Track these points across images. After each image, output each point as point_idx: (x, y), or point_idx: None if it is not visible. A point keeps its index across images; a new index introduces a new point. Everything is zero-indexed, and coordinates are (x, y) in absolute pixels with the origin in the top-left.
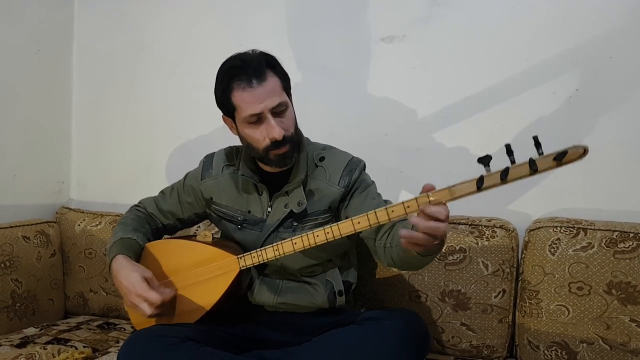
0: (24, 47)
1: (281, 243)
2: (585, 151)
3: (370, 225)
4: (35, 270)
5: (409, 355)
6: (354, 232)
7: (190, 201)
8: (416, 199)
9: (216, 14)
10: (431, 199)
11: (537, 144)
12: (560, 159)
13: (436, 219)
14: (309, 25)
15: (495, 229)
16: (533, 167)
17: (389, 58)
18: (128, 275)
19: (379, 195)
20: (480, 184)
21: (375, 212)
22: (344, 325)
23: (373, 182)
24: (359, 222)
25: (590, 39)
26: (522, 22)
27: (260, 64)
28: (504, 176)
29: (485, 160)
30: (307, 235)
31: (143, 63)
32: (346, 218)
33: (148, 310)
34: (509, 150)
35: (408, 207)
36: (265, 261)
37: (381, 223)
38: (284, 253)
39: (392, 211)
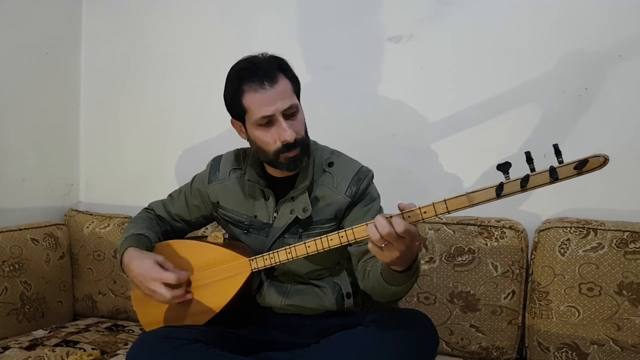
0: (32, 50)
1: (294, 246)
2: (606, 160)
3: None
4: (44, 272)
5: (417, 358)
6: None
7: (197, 204)
8: (433, 204)
9: (222, 15)
10: (447, 205)
11: (557, 152)
12: (581, 167)
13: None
14: (315, 25)
15: (504, 229)
16: (554, 176)
17: (396, 58)
18: (140, 263)
19: (381, 209)
20: (499, 191)
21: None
22: (352, 327)
23: (378, 196)
24: None
25: (600, 37)
26: (530, 21)
27: (272, 67)
28: (524, 184)
29: (504, 167)
30: (320, 238)
31: (150, 65)
32: (342, 228)
33: (166, 292)
34: (528, 158)
35: (425, 212)
36: (278, 264)
37: None
38: (296, 256)
39: (409, 217)
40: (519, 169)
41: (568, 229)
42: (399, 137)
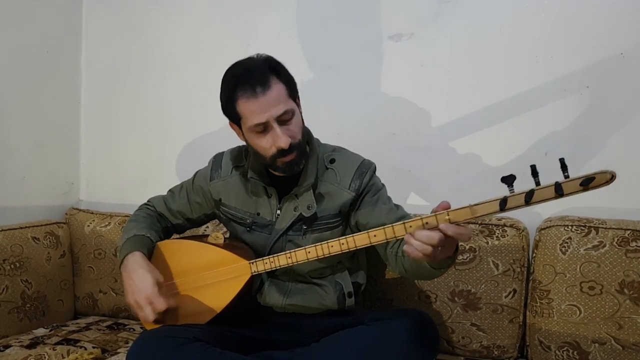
0: (32, 48)
1: (294, 251)
2: (612, 177)
3: (386, 239)
4: (45, 271)
5: (418, 356)
6: (369, 245)
7: (199, 201)
8: (435, 216)
9: (223, 14)
10: (450, 217)
11: (564, 167)
12: (587, 184)
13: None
14: (315, 24)
15: (505, 228)
16: (559, 191)
17: (397, 56)
18: (143, 276)
19: (390, 199)
20: (503, 205)
21: (392, 226)
22: (353, 326)
23: (383, 185)
24: (375, 235)
25: (601, 35)
26: (532, 19)
27: (264, 72)
28: (529, 198)
29: (509, 180)
30: (321, 245)
31: (151, 64)
32: (356, 223)
33: (150, 314)
34: (534, 172)
35: (427, 223)
36: (278, 268)
37: (398, 237)
38: (297, 261)
39: (410, 226)
40: (520, 168)
41: (569, 227)
42: (399, 136)
